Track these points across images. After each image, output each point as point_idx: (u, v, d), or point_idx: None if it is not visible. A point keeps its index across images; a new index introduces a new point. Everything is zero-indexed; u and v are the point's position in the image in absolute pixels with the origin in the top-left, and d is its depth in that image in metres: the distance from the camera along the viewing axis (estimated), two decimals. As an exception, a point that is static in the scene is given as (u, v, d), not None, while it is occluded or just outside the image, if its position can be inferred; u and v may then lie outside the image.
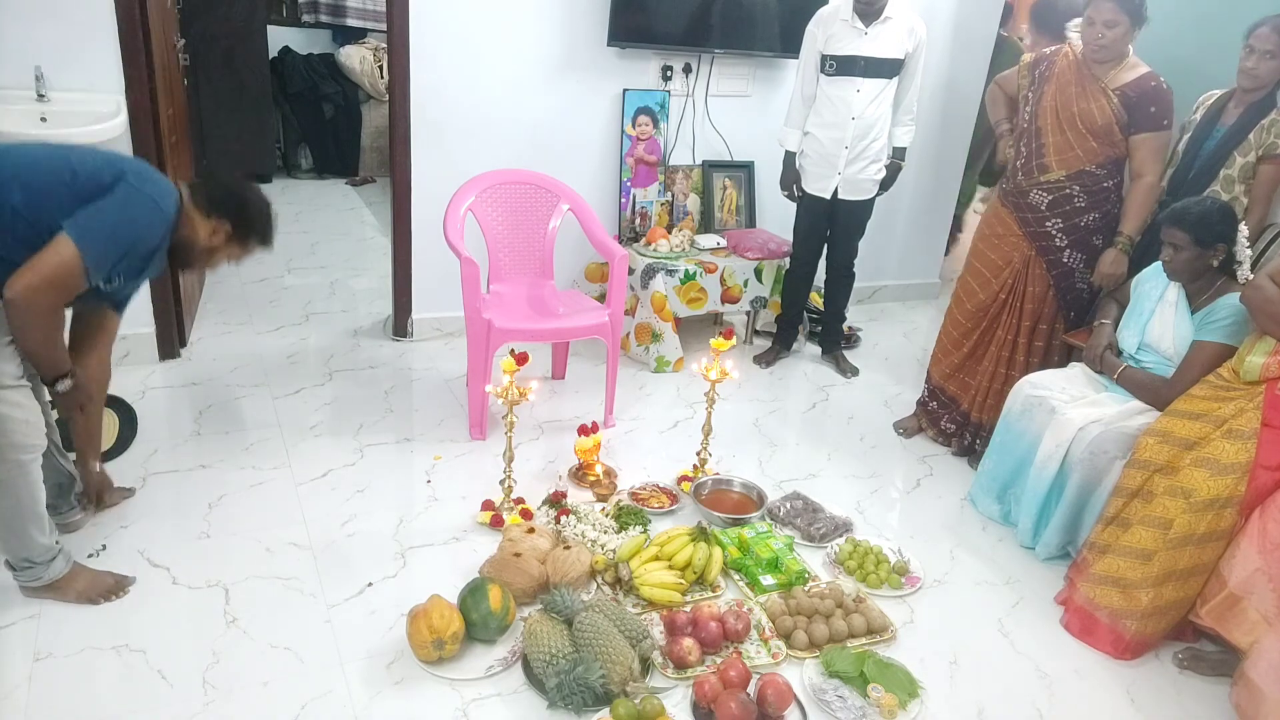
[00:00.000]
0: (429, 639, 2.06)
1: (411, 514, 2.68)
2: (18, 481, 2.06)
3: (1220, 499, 2.26)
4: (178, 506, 2.60)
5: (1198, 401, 2.42)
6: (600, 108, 3.80)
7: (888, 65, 3.39)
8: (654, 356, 3.78)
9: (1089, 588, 2.45)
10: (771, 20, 3.86)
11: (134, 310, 3.21)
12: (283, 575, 2.37)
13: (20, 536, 2.11)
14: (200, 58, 5.09)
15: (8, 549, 2.15)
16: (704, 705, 2.02)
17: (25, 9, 2.79)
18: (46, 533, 2.15)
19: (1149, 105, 2.76)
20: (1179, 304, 2.64)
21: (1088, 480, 2.61)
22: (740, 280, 3.87)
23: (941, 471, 3.24)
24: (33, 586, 2.18)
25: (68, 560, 2.21)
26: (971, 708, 2.17)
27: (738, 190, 4.16)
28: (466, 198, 3.19)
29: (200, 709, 1.95)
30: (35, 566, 2.16)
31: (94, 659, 2.05)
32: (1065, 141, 2.89)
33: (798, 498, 2.89)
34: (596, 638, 2.06)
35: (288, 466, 2.84)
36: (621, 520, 2.64)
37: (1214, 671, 2.34)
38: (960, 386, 3.31)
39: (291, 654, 2.12)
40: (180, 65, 3.66)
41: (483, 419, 3.10)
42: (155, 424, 2.98)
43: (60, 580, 2.19)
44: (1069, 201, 2.93)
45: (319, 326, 3.87)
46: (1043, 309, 3.07)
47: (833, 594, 2.39)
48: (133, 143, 3.04)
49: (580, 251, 3.81)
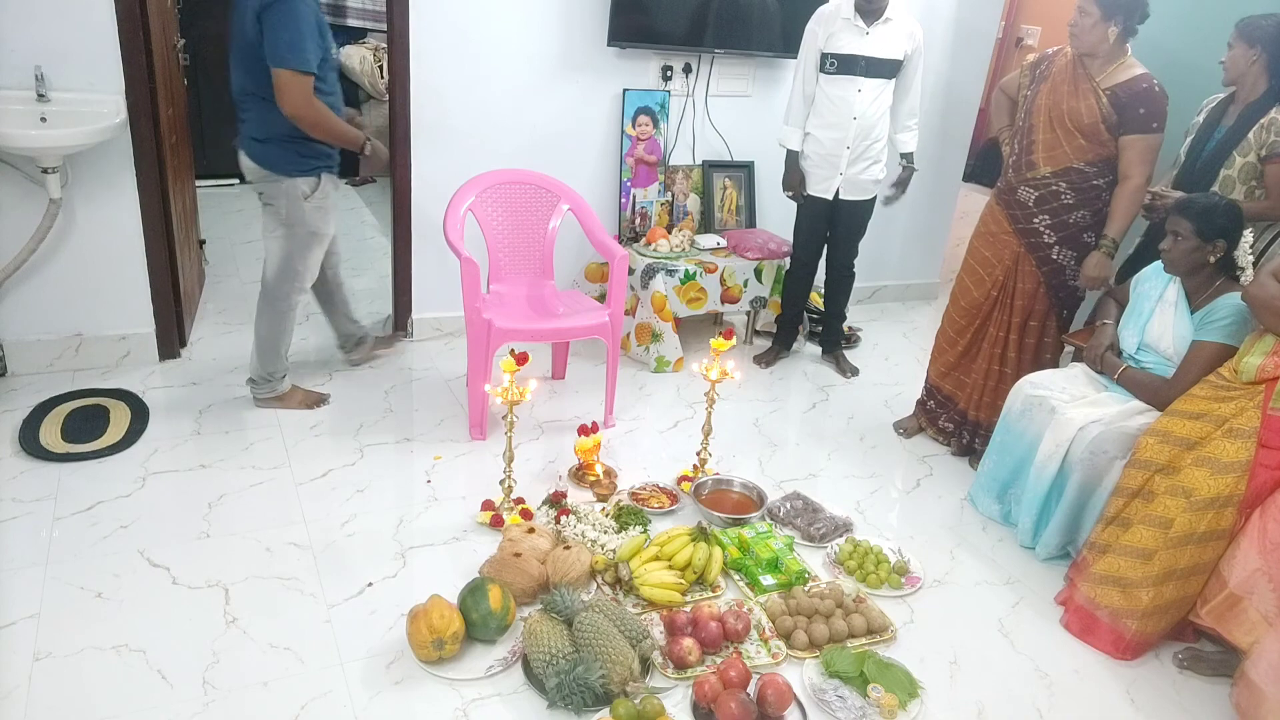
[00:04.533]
0: (429, 639, 2.06)
1: (411, 514, 2.68)
2: (288, 317, 3.04)
3: (1220, 498, 2.26)
4: (178, 506, 2.60)
5: (1198, 401, 2.42)
6: (600, 108, 3.80)
7: (888, 65, 3.40)
8: (654, 356, 3.78)
9: (1089, 587, 2.45)
10: (771, 20, 3.86)
11: (134, 310, 3.27)
12: (283, 575, 2.37)
13: (273, 358, 3.07)
14: (200, 58, 5.08)
15: (261, 366, 3.07)
16: (704, 705, 2.02)
17: (25, 9, 2.79)
18: (284, 360, 3.11)
19: (1139, 106, 2.76)
20: (1179, 304, 2.64)
21: (1088, 480, 2.61)
22: (740, 280, 3.87)
23: (941, 471, 3.24)
24: (265, 397, 3.11)
25: (289, 381, 3.16)
26: (971, 708, 2.18)
27: (738, 190, 4.16)
28: (466, 198, 3.19)
29: (200, 709, 1.95)
30: (272, 382, 3.10)
31: (94, 659, 2.05)
32: (1054, 139, 2.89)
33: (798, 498, 2.89)
34: (596, 638, 2.06)
35: (288, 466, 2.84)
36: (621, 520, 2.64)
37: (1214, 671, 2.35)
38: (956, 385, 3.31)
39: (291, 654, 2.12)
40: (180, 65, 3.66)
41: (483, 419, 3.10)
42: (155, 424, 2.98)
43: (285, 394, 3.14)
44: (1056, 198, 2.93)
45: (319, 326, 3.86)
46: (1033, 306, 3.08)
47: (833, 594, 2.39)
48: (133, 143, 3.04)
49: (580, 251, 3.81)
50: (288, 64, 2.61)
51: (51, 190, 2.90)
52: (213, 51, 5.28)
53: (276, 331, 3.04)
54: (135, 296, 3.25)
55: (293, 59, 2.61)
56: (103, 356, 3.28)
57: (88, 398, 3.07)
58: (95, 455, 2.77)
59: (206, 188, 5.36)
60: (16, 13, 2.78)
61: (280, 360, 3.09)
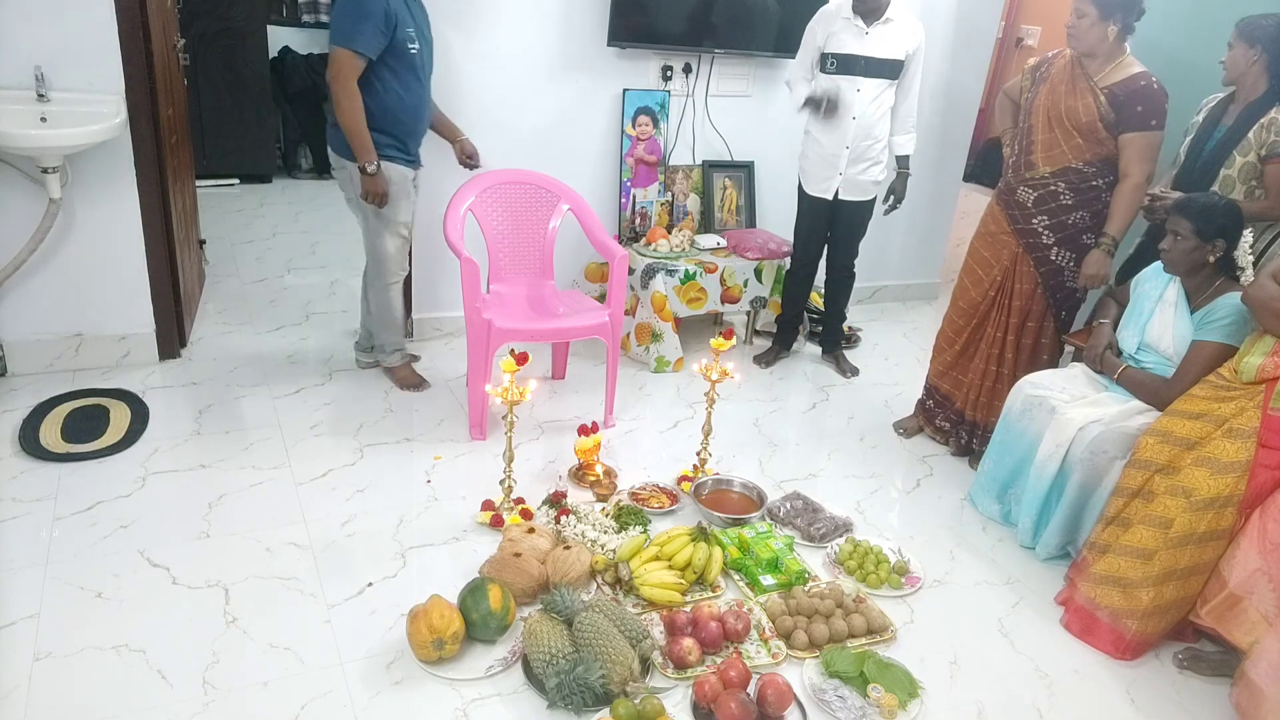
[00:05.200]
0: (429, 639, 2.06)
1: (411, 514, 2.68)
2: (387, 295, 3.26)
3: (1220, 498, 2.26)
4: (178, 506, 2.60)
5: (1198, 401, 2.42)
6: (600, 108, 3.80)
7: (888, 66, 3.39)
8: (654, 356, 3.78)
9: (1089, 587, 2.45)
10: (771, 20, 3.86)
11: (134, 310, 3.26)
12: (283, 575, 2.37)
13: (392, 330, 3.34)
14: (200, 58, 5.09)
15: (382, 337, 3.34)
16: (704, 705, 2.02)
17: (25, 9, 2.79)
18: (401, 335, 3.40)
19: (1136, 105, 2.76)
20: (1178, 304, 2.64)
21: (1088, 480, 2.61)
22: (740, 280, 3.87)
23: (941, 471, 3.24)
24: (376, 363, 3.44)
25: (404, 358, 3.42)
26: (971, 708, 2.18)
27: (738, 190, 4.16)
28: (466, 198, 3.19)
29: (200, 709, 1.95)
30: (390, 354, 3.37)
31: (94, 659, 2.05)
32: (1052, 139, 2.89)
33: (798, 498, 2.89)
34: (596, 638, 2.06)
35: (288, 466, 2.84)
36: (621, 520, 2.64)
37: (1214, 671, 2.35)
38: (953, 384, 3.31)
39: (291, 654, 2.12)
40: (180, 65, 3.66)
41: (483, 419, 3.10)
42: (155, 424, 2.98)
43: (396, 368, 3.39)
44: (1054, 199, 2.93)
45: (319, 326, 3.87)
46: (1031, 307, 3.08)
47: (833, 594, 2.39)
48: (133, 143, 3.04)
49: (580, 251, 3.81)
50: (338, 40, 2.80)
51: (51, 190, 2.90)
52: (213, 51, 5.32)
53: (383, 308, 3.28)
54: (135, 296, 3.25)
55: (343, 36, 2.79)
56: (103, 356, 3.28)
57: (88, 398, 3.07)
58: (95, 455, 2.77)
59: (206, 188, 5.37)
60: (16, 13, 2.78)
61: (392, 334, 3.34)
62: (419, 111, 3.06)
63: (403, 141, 3.04)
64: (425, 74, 3.05)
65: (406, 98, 2.97)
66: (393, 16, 2.82)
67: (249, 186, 5.82)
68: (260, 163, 5.85)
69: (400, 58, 2.90)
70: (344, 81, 2.83)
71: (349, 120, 2.87)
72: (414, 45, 2.92)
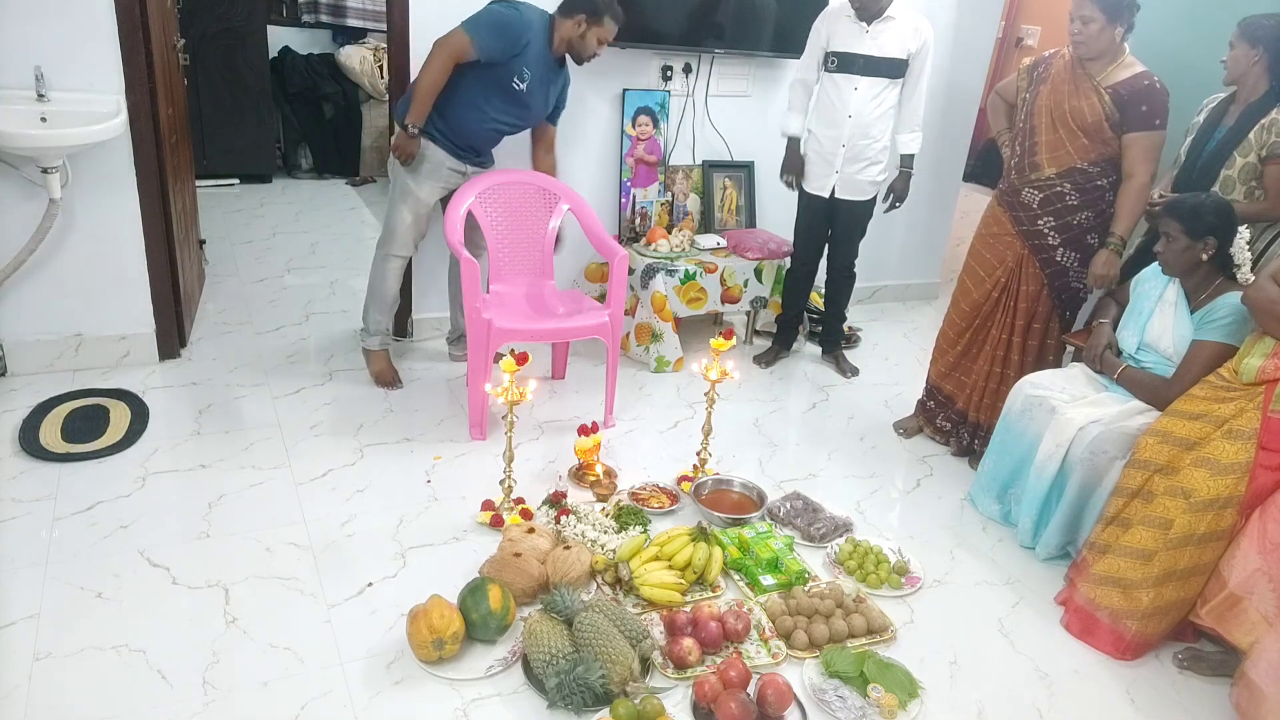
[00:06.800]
0: (429, 639, 2.06)
1: (411, 514, 2.68)
2: (381, 271, 3.25)
3: (1220, 499, 2.26)
4: (178, 506, 2.60)
5: (1198, 401, 2.42)
6: (600, 108, 3.80)
7: (887, 65, 3.38)
8: (654, 356, 3.78)
9: (1089, 588, 2.45)
10: (771, 20, 3.86)
11: (134, 310, 3.26)
12: (283, 575, 2.37)
13: (379, 307, 3.30)
14: (200, 58, 5.08)
15: (369, 314, 3.32)
16: (704, 705, 2.02)
17: (25, 9, 2.79)
18: (385, 318, 3.34)
19: (1140, 104, 2.76)
20: (1178, 304, 2.64)
21: (1088, 480, 2.61)
22: (740, 280, 3.87)
23: (941, 471, 3.24)
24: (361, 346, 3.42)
25: (383, 344, 3.39)
26: (971, 708, 2.18)
27: (738, 190, 4.16)
28: (466, 198, 3.19)
29: (200, 709, 1.95)
30: (371, 335, 3.35)
31: (94, 659, 2.05)
32: (1057, 139, 2.89)
33: (798, 498, 2.89)
34: (596, 638, 2.06)
35: (288, 466, 2.84)
36: (621, 520, 2.64)
37: (1214, 671, 2.35)
38: (956, 385, 3.31)
39: (291, 654, 2.12)
40: (180, 65, 3.66)
41: (483, 419, 3.10)
42: (155, 424, 2.98)
43: (373, 354, 3.38)
44: (1060, 199, 2.93)
45: (319, 326, 3.87)
46: (1036, 308, 3.08)
47: (833, 594, 2.39)
48: (133, 143, 3.04)
49: (580, 251, 3.81)
50: (466, 24, 2.95)
51: (51, 190, 2.89)
52: (213, 51, 5.32)
53: (376, 279, 3.29)
54: (135, 296, 3.25)
55: (472, 24, 2.95)
56: (103, 356, 3.28)
57: (88, 398, 3.07)
58: (95, 455, 2.77)
59: (206, 188, 5.37)
60: (16, 13, 2.78)
61: (375, 317, 3.33)
62: (485, 136, 3.18)
63: (454, 143, 3.14)
64: (517, 116, 3.17)
65: (480, 118, 3.09)
66: (520, 48, 2.98)
67: (249, 186, 5.82)
68: (260, 163, 5.85)
69: (498, 83, 3.03)
70: (443, 51, 2.92)
71: (421, 81, 2.96)
72: (518, 84, 3.04)
